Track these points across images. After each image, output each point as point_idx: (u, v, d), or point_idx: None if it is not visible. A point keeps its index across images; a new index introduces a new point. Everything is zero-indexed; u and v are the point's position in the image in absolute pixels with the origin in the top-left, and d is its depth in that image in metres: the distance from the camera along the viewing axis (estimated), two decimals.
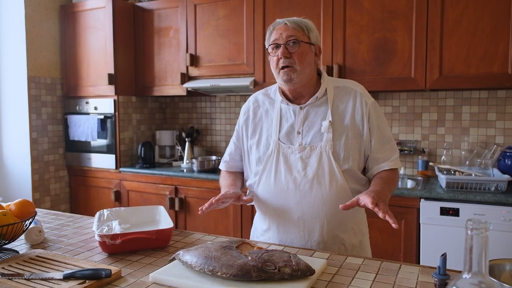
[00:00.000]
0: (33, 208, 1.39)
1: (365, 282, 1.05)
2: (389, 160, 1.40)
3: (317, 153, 1.37)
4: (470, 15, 2.40)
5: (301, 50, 1.37)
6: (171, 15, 3.31)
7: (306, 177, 1.37)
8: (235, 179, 1.55)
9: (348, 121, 1.39)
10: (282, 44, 1.37)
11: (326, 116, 1.40)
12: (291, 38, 1.36)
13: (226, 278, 1.02)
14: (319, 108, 1.42)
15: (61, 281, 1.04)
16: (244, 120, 1.55)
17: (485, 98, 2.73)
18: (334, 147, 1.36)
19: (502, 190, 2.27)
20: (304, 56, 1.37)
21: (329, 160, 1.36)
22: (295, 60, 1.36)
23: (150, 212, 1.58)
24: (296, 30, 1.37)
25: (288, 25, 1.38)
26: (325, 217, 1.37)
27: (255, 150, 1.48)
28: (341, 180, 1.35)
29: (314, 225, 1.38)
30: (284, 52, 1.36)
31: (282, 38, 1.37)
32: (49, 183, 3.51)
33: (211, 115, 3.69)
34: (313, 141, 1.39)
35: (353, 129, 1.39)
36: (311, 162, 1.37)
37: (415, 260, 2.38)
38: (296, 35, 1.37)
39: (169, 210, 3.09)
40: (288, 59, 1.36)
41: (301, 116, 1.43)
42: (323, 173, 1.36)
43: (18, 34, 3.32)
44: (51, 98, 3.52)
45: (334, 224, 1.38)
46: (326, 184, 1.35)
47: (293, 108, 1.45)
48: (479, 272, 0.68)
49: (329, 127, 1.37)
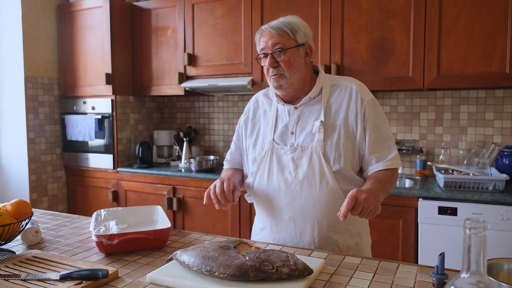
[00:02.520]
0: (29, 209, 1.38)
1: (363, 282, 1.05)
2: (385, 160, 1.36)
3: (308, 154, 1.36)
4: (468, 14, 2.41)
5: (287, 57, 1.36)
6: (169, 14, 3.30)
7: (297, 178, 1.36)
8: (234, 172, 1.57)
9: (341, 120, 1.37)
10: (269, 54, 1.37)
11: (319, 116, 1.39)
12: (277, 47, 1.36)
13: (224, 278, 1.01)
14: (313, 108, 1.41)
15: (57, 282, 1.03)
16: (244, 120, 1.56)
17: (483, 98, 2.74)
18: (325, 147, 1.35)
19: (500, 189, 2.28)
20: (292, 62, 1.36)
21: (320, 161, 1.34)
22: (283, 67, 1.36)
23: (148, 212, 1.57)
24: (281, 36, 1.36)
25: (272, 32, 1.36)
26: (316, 219, 1.36)
27: (252, 150, 1.49)
28: (331, 182, 1.33)
29: (304, 226, 1.38)
30: (271, 62, 1.36)
31: (268, 46, 1.37)
32: (47, 183, 3.50)
33: (209, 114, 3.68)
34: (305, 142, 1.38)
35: (345, 128, 1.36)
36: (302, 163, 1.36)
37: (413, 260, 2.38)
38: (281, 42, 1.36)
39: (167, 210, 3.08)
40: (276, 68, 1.36)
41: (295, 116, 1.42)
42: (313, 174, 1.34)
43: (15, 33, 3.31)
44: (48, 98, 3.51)
45: (325, 225, 1.37)
46: (316, 186, 1.34)
47: (288, 108, 1.44)
48: (477, 271, 0.68)
49: (320, 127, 1.36)
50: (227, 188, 1.32)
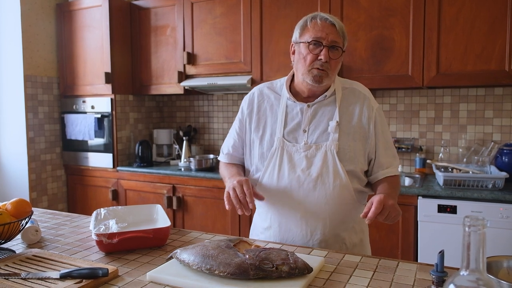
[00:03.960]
0: (29, 208, 1.38)
1: (363, 280, 1.05)
2: (392, 166, 1.42)
3: (322, 152, 1.36)
4: (467, 12, 2.41)
5: (340, 59, 1.36)
6: (168, 13, 3.30)
7: (310, 176, 1.35)
8: (239, 170, 1.51)
9: (355, 123, 1.39)
10: (325, 46, 1.32)
11: (333, 116, 1.39)
12: (336, 44, 1.33)
13: (224, 277, 1.01)
14: (327, 108, 1.41)
15: (57, 281, 1.03)
16: (248, 112, 1.50)
17: (482, 96, 2.74)
18: (339, 147, 1.36)
19: (500, 187, 2.28)
20: (338, 64, 1.37)
21: (334, 159, 1.35)
22: (331, 66, 1.34)
23: (148, 211, 1.57)
24: (339, 37, 1.34)
25: (336, 28, 1.34)
26: (328, 216, 1.37)
27: (258, 145, 1.45)
28: (345, 180, 1.35)
29: (316, 224, 1.38)
30: (327, 55, 1.32)
31: (328, 40, 1.32)
32: (46, 182, 3.50)
33: (209, 113, 3.68)
34: (318, 140, 1.38)
35: (359, 131, 1.39)
36: (315, 161, 1.36)
37: (413, 258, 2.38)
38: (339, 42, 1.34)
39: (167, 209, 3.09)
40: (326, 63, 1.33)
41: (309, 114, 1.41)
42: (327, 172, 1.35)
43: (14, 32, 3.30)
44: (47, 97, 3.51)
45: (336, 223, 1.38)
46: (330, 184, 1.34)
47: (300, 105, 1.42)
48: (477, 269, 0.68)
49: (336, 127, 1.36)
50: (247, 190, 1.28)
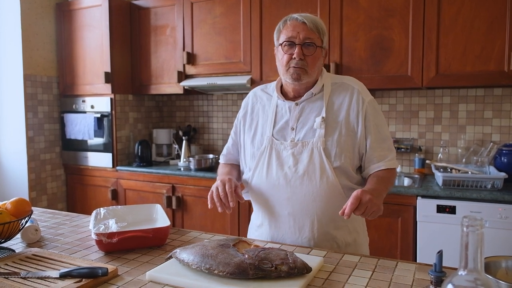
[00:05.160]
0: (29, 207, 1.38)
1: (362, 280, 1.06)
2: (386, 160, 1.38)
3: (309, 149, 1.36)
4: (467, 13, 2.41)
5: (316, 54, 1.36)
6: (168, 13, 3.30)
7: (297, 173, 1.36)
8: (232, 169, 1.57)
9: (343, 118, 1.38)
10: (298, 45, 1.34)
11: (320, 112, 1.39)
12: (308, 41, 1.35)
13: (223, 276, 1.02)
14: (314, 104, 1.42)
15: (57, 280, 1.04)
16: (242, 114, 1.56)
17: (481, 96, 2.74)
18: (326, 143, 1.36)
19: (499, 187, 2.28)
20: (317, 60, 1.37)
21: (320, 156, 1.35)
22: (307, 62, 1.35)
23: (147, 211, 1.57)
24: (313, 33, 1.35)
25: (307, 25, 1.35)
26: (316, 214, 1.37)
27: (250, 145, 1.49)
28: (332, 177, 1.34)
29: (304, 221, 1.38)
30: (300, 53, 1.34)
31: (299, 38, 1.34)
32: (46, 181, 3.50)
33: (208, 113, 3.68)
34: (305, 137, 1.38)
35: (347, 126, 1.38)
36: (302, 158, 1.37)
37: (411, 258, 2.38)
38: (313, 38, 1.35)
39: (166, 209, 3.09)
40: (301, 61, 1.35)
41: (296, 112, 1.42)
42: (313, 169, 1.35)
43: (14, 32, 3.30)
44: (47, 96, 3.50)
45: (325, 221, 1.38)
46: (316, 181, 1.35)
47: (288, 104, 1.44)
48: (475, 269, 0.69)
49: (321, 123, 1.36)
50: (229, 189, 1.32)
